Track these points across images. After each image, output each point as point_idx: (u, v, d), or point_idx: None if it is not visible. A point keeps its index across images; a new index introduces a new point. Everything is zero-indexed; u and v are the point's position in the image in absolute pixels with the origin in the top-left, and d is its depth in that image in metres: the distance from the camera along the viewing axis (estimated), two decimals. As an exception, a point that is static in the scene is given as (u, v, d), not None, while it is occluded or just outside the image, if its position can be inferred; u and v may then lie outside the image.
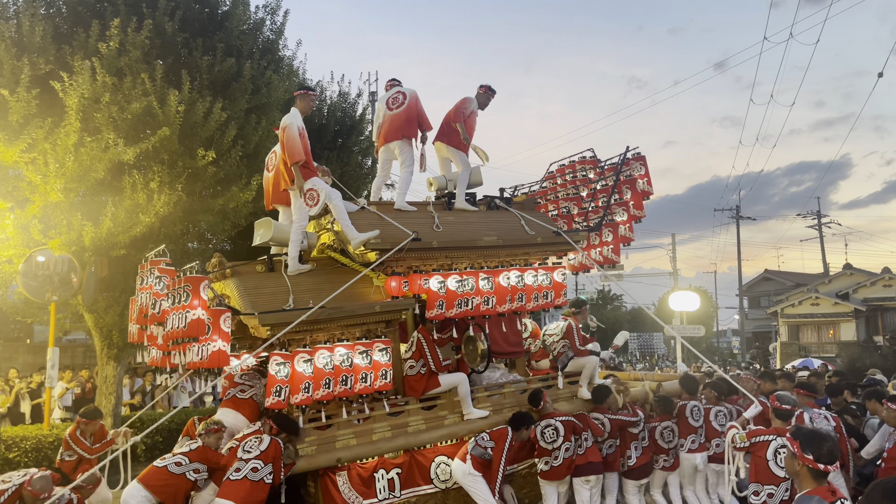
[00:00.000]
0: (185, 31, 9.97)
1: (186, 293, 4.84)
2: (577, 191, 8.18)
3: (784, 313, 31.20)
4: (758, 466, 5.17)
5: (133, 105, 8.66)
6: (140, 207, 9.05)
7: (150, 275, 5.37)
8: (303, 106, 6.27)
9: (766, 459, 5.08)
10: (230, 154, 9.85)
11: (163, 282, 5.24)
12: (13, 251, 9.05)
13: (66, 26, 9.62)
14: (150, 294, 5.33)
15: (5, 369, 12.82)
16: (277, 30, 11.69)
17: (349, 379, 5.40)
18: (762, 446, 5.18)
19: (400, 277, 6.03)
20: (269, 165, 6.79)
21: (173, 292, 4.99)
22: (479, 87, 7.44)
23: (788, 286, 37.84)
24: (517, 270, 6.48)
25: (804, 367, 17.78)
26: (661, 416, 6.80)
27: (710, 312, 47.75)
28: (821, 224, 36.36)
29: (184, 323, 4.77)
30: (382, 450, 5.72)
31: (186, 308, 4.81)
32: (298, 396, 5.15)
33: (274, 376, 5.05)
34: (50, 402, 9.75)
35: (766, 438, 5.21)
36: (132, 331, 6.28)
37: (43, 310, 10.25)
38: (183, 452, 5.09)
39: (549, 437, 6.04)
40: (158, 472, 4.93)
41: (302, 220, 6.15)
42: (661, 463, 6.72)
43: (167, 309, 5.05)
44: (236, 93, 10.11)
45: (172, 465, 4.97)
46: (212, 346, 4.85)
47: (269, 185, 6.75)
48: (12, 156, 8.41)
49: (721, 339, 58.28)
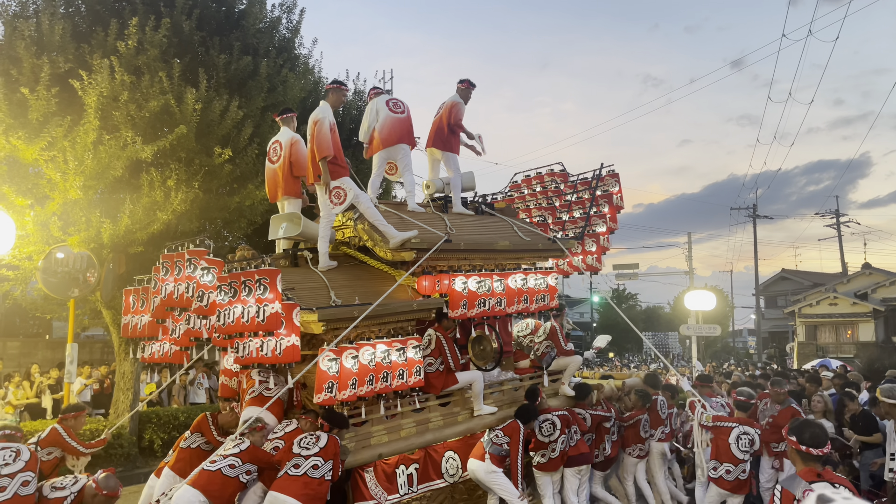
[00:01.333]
0: (202, 30, 10.04)
1: (264, 286, 4.68)
2: (550, 201, 8.46)
3: (801, 313, 30.90)
4: (719, 447, 6.16)
5: (151, 103, 8.73)
6: (157, 205, 9.13)
7: (190, 265, 5.10)
8: (334, 100, 6.20)
9: (728, 443, 6.10)
10: (246, 152, 9.91)
11: (211, 273, 5.00)
12: (33, 248, 9.16)
13: (85, 25, 9.73)
14: (193, 285, 5.05)
15: (25, 365, 12.97)
16: (293, 28, 11.76)
17: (389, 376, 5.44)
18: (725, 431, 6.16)
19: (433, 277, 6.10)
20: (273, 156, 6.53)
21: (238, 284, 4.78)
22: (459, 83, 7.46)
23: (806, 286, 37.48)
24: (522, 274, 6.73)
25: (822, 367, 17.64)
26: (641, 410, 7.29)
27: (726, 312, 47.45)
28: (839, 223, 35.97)
29: (262, 317, 4.62)
30: (414, 445, 5.83)
31: (265, 301, 4.65)
32: (346, 392, 5.12)
33: (326, 372, 5.00)
34: (69, 398, 9.86)
35: (729, 425, 6.20)
36: (138, 324, 6.07)
37: (62, 306, 10.36)
38: (234, 454, 4.87)
39: (547, 431, 6.39)
40: (213, 476, 4.72)
41: (330, 215, 6.08)
42: (637, 452, 7.26)
43: (221, 302, 4.84)
44: (252, 91, 10.17)
45: (227, 468, 4.78)
46: (286, 341, 4.76)
47: (277, 176, 6.49)
48: (32, 154, 8.51)
49: (737, 338, 57.90)
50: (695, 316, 19.93)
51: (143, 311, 6.08)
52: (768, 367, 22.62)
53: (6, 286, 9.93)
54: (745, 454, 6.08)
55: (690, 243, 28.84)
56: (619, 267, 33.72)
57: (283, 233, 6.30)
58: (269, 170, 6.57)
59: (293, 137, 6.40)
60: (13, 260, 9.23)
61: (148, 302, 5.98)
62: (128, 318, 6.22)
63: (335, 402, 5.07)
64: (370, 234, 6.16)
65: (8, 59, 8.89)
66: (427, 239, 6.13)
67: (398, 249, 5.95)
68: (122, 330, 6.29)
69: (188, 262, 5.11)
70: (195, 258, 5.06)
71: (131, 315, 6.19)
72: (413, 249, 5.97)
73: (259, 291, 4.68)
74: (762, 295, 39.88)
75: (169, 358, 6.01)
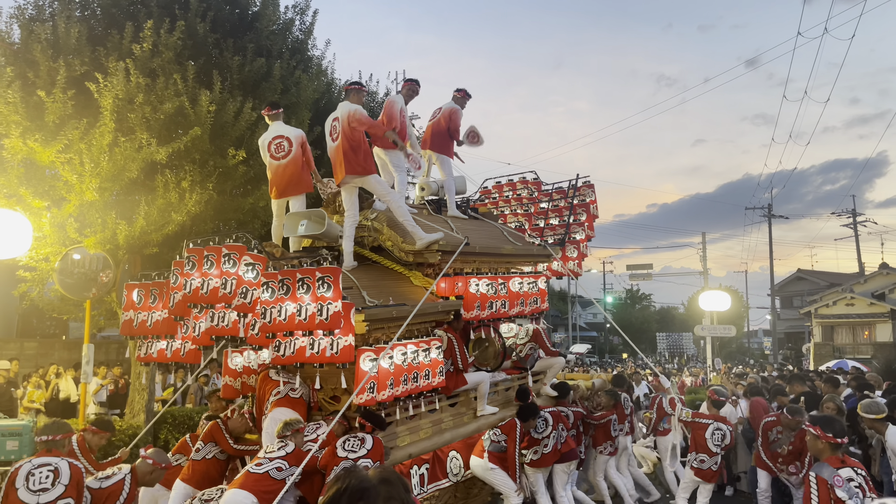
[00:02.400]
0: (216, 32, 10.10)
1: (327, 284, 4.59)
2: (526, 208, 8.71)
3: (818, 313, 30.61)
4: (697, 441, 6.87)
5: (165, 105, 8.79)
6: (172, 206, 9.18)
7: (229, 260, 4.93)
8: (356, 100, 6.15)
9: (705, 437, 6.78)
10: (260, 153, 9.93)
11: (256, 269, 4.89)
12: (50, 249, 9.24)
13: (100, 28, 9.81)
14: (233, 281, 4.90)
15: (43, 365, 13.09)
16: (306, 30, 11.80)
17: (418, 376, 5.44)
18: (702, 427, 6.86)
19: (451, 279, 6.11)
20: (278, 153, 6.32)
21: (293, 282, 4.69)
22: (456, 91, 7.50)
23: (822, 286, 37.10)
24: (519, 277, 6.90)
25: (839, 368, 17.46)
26: (611, 409, 7.80)
27: (740, 312, 47.15)
28: (856, 223, 35.62)
29: (325, 315, 4.55)
30: (436, 444, 5.85)
31: (328, 300, 4.57)
32: (385, 392, 5.04)
33: (367, 372, 4.93)
34: (85, 398, 9.92)
35: (705, 422, 6.91)
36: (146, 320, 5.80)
37: (78, 307, 10.43)
38: (280, 457, 4.74)
39: (540, 428, 6.77)
40: (262, 479, 4.59)
41: (355, 215, 6.05)
42: (609, 449, 7.74)
43: (268, 299, 4.73)
44: (266, 92, 10.21)
45: (274, 471, 4.64)
46: (343, 340, 4.70)
47: (284, 173, 6.29)
48: (49, 156, 8.58)
49: (752, 339, 57.48)
50: (709, 316, 19.79)
51: (153, 307, 5.82)
52: (785, 368, 22.43)
53: (23, 287, 10.03)
54: (717, 448, 6.78)
55: (705, 243, 28.63)
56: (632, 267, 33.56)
57: (303, 230, 6.06)
58: (273, 166, 6.33)
59: (301, 134, 6.34)
60: (30, 261, 9.32)
61: (161, 298, 5.78)
62: (129, 314, 5.93)
63: (374, 402, 5.01)
64: (390, 234, 6.15)
65: (25, 62, 8.98)
66: (450, 242, 6.15)
67: (424, 251, 5.96)
68: (123, 327, 5.98)
69: (226, 257, 4.94)
70: (235, 253, 4.92)
71: (133, 311, 5.90)
72: (440, 251, 5.97)
73: (322, 289, 4.60)
74: (778, 295, 39.53)
75: (182, 357, 5.80)
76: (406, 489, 1.47)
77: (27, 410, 11.03)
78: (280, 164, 6.29)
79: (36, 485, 3.97)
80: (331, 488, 1.45)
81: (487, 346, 6.53)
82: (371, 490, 1.42)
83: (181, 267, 5.21)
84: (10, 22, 9.31)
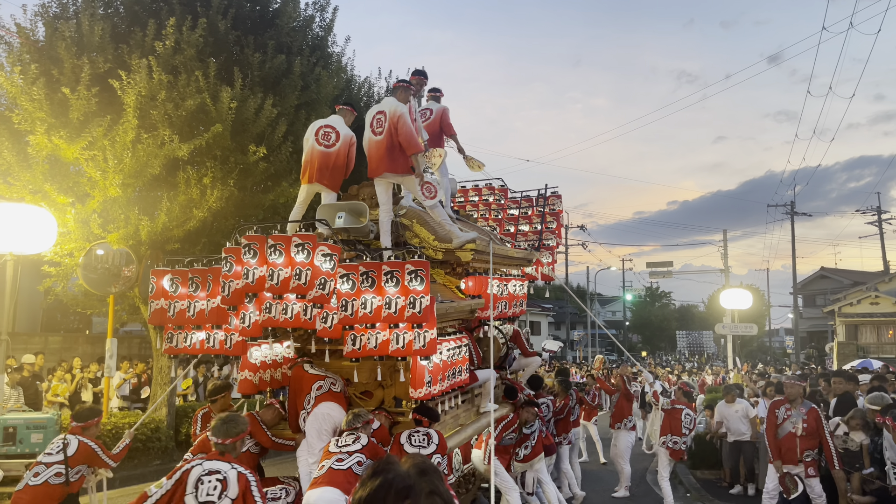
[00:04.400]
0: (237, 29, 10.15)
1: (420, 278, 4.59)
2: (496, 214, 8.92)
3: (841, 312, 30.15)
4: (672, 424, 7.89)
5: (187, 102, 8.86)
6: (193, 202, 9.26)
7: (303, 251, 4.77)
8: (403, 98, 6.12)
9: (680, 420, 7.85)
10: (280, 150, 9.99)
11: (332, 260, 4.79)
12: (74, 244, 9.36)
13: (123, 26, 9.90)
14: (307, 272, 4.75)
15: (66, 359, 13.26)
16: (326, 26, 11.82)
17: (455, 372, 5.53)
18: (677, 412, 7.91)
19: (478, 278, 6.21)
20: (324, 140, 6.23)
21: (378, 274, 4.68)
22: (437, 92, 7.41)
23: (846, 284, 36.55)
24: (518, 280, 7.22)
25: (863, 367, 17.19)
26: (566, 397, 8.27)
27: (762, 311, 46.58)
28: (881, 220, 35.00)
29: (418, 308, 4.58)
30: (464, 439, 5.93)
31: (420, 293, 4.59)
32: (437, 387, 5.12)
33: (424, 367, 4.95)
34: (109, 391, 10.05)
35: (679, 408, 7.96)
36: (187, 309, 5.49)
37: (102, 302, 10.57)
38: (358, 450, 4.63)
39: (530, 423, 7.05)
40: (347, 475, 4.49)
41: (391, 210, 6.06)
42: (568, 440, 8.40)
43: (348, 291, 4.71)
44: (286, 89, 10.25)
45: (356, 466, 4.54)
46: (429, 333, 4.70)
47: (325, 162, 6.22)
48: (73, 152, 8.69)
49: (773, 338, 56.83)
50: (730, 314, 19.57)
51: (194, 295, 5.48)
52: (807, 367, 22.15)
53: (48, 282, 10.17)
54: (686, 430, 7.89)
55: (726, 241, 28.29)
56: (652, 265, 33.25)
57: (341, 223, 6.02)
58: (316, 152, 6.23)
59: (353, 136, 6.34)
60: (55, 257, 9.45)
61: (205, 286, 5.47)
62: (160, 302, 5.58)
63: (430, 396, 5.02)
64: (420, 231, 6.18)
65: (49, 59, 9.09)
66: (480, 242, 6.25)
67: (457, 249, 6.01)
68: (154, 316, 5.63)
69: (299, 246, 4.77)
70: (309, 243, 4.79)
71: (166, 299, 5.56)
72: (474, 251, 6.02)
73: (415, 283, 4.61)
74: (800, 293, 39.04)
75: (227, 350, 5.49)
76: (441, 479, 1.43)
77: (51, 404, 11.18)
78: (321, 151, 6.23)
79: (203, 496, 3.73)
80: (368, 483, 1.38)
81: (488, 346, 6.71)
82: (415, 486, 1.37)
83: (236, 254, 5.00)
84: (34, 20, 9.44)
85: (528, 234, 8.61)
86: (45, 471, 4.86)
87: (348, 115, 6.46)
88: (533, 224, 8.67)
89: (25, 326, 16.47)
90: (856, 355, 26.05)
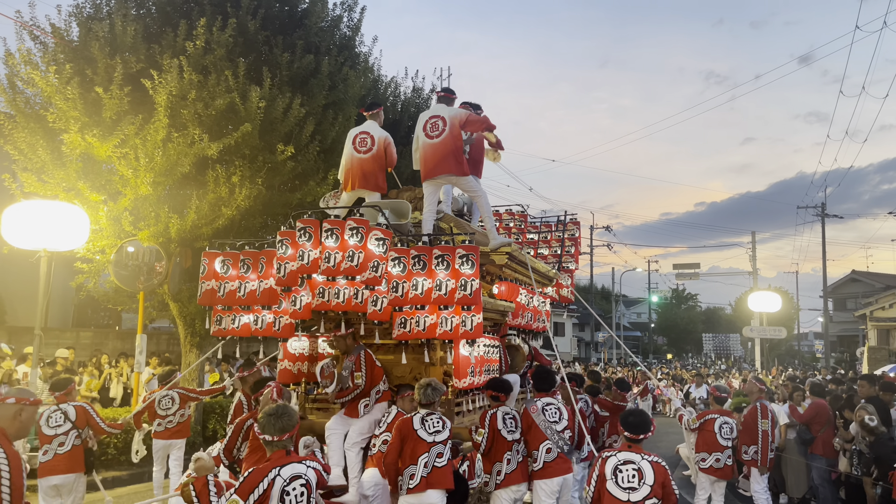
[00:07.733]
0: (266, 29, 10.24)
1: (471, 262, 4.75)
2: (517, 238, 9.14)
3: (873, 316, 29.53)
4: (706, 439, 6.66)
5: (217, 101, 8.95)
6: (222, 201, 9.36)
7: (357, 235, 4.87)
8: (452, 104, 6.46)
9: (714, 433, 6.58)
10: (308, 149, 10.06)
11: (385, 244, 4.93)
12: (105, 241, 9.50)
13: (155, 26, 10.04)
14: (360, 254, 4.84)
15: (97, 355, 13.47)
16: (354, 26, 11.87)
17: (490, 370, 5.73)
18: (709, 424, 6.66)
19: (510, 284, 6.39)
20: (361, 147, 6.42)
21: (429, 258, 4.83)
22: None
23: (878, 288, 35.79)
24: (542, 296, 7.34)
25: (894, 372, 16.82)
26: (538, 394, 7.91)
27: (791, 314, 45.83)
28: (915, 223, 34.26)
29: (469, 290, 4.72)
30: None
31: (471, 277, 4.73)
32: (480, 378, 5.38)
33: (467, 357, 5.20)
34: (138, 387, 10.19)
35: (712, 417, 6.72)
36: (238, 290, 5.62)
37: (132, 298, 10.71)
38: (441, 442, 4.64)
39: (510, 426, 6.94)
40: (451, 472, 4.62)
41: (435, 210, 6.31)
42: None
43: (399, 273, 4.85)
44: (314, 89, 10.31)
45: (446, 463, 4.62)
46: (476, 318, 4.84)
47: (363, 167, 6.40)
48: (106, 151, 8.83)
49: (802, 342, 55.91)
50: (758, 317, 19.29)
51: (245, 276, 5.62)
52: (837, 372, 21.76)
53: (80, 279, 10.35)
54: (727, 441, 6.60)
55: (754, 243, 27.91)
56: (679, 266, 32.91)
57: (382, 221, 6.06)
58: (355, 160, 6.41)
59: (387, 136, 6.46)
60: (87, 253, 9.61)
61: (256, 268, 5.62)
62: (211, 283, 5.72)
63: (474, 386, 5.23)
64: None
65: (83, 59, 9.25)
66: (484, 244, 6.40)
67: (492, 252, 6.13)
68: (204, 296, 5.76)
69: (353, 230, 4.89)
70: (362, 227, 4.91)
71: (216, 280, 5.70)
72: (507, 255, 6.15)
73: (466, 266, 4.76)
74: (831, 297, 38.35)
75: (274, 332, 5.64)
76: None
77: (83, 398, 11.37)
78: (360, 158, 6.42)
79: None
80: None
81: (518, 351, 6.94)
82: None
83: (291, 237, 5.15)
84: (69, 20, 9.61)
85: (548, 258, 8.87)
86: (65, 439, 5.47)
87: (380, 115, 6.61)
88: (552, 248, 8.99)
89: (58, 322, 16.78)
90: (887, 360, 25.48)
